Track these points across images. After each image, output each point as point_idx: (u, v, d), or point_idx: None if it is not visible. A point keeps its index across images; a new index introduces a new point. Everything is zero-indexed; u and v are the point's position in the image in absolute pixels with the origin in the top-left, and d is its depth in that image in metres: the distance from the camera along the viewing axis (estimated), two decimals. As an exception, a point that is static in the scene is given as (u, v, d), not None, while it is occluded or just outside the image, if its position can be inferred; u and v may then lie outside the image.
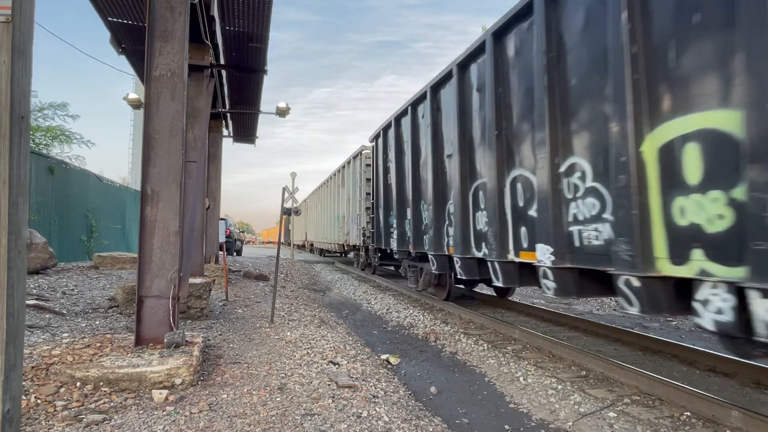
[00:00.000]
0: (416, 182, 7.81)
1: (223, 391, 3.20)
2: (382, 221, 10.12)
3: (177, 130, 3.91)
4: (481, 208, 5.65)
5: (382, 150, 9.94)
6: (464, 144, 6.04)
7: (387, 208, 9.68)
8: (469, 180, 5.98)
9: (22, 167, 1.87)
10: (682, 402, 3.44)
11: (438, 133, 6.87)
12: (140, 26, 6.78)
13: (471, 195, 5.93)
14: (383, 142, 9.85)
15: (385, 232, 9.93)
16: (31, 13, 1.92)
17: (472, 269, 5.97)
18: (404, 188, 8.46)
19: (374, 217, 11.08)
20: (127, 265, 9.78)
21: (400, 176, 8.67)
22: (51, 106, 14.62)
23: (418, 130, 7.77)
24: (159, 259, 3.83)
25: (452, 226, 6.35)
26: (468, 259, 5.97)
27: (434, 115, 6.93)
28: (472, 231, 5.90)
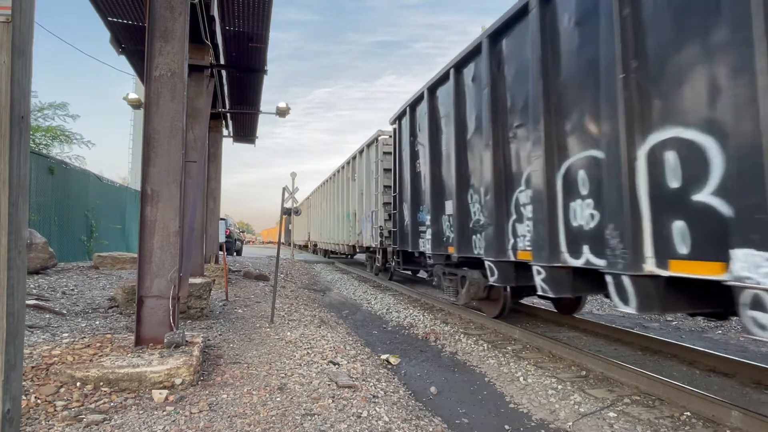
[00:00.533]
0: (461, 166, 6.17)
1: (223, 391, 3.20)
2: (408, 218, 8.46)
3: (177, 130, 3.91)
4: (581, 195, 3.97)
5: (408, 131, 8.32)
6: (548, 104, 4.37)
7: (415, 201, 8.08)
8: (557, 156, 4.28)
9: (22, 167, 1.87)
10: (682, 402, 3.44)
11: (499, 97, 5.26)
12: (140, 26, 6.78)
13: (561, 177, 4.23)
14: (410, 121, 8.20)
15: (412, 231, 8.23)
16: (31, 13, 1.92)
17: (562, 283, 4.34)
18: (441, 175, 6.92)
19: (396, 213, 9.41)
20: (127, 265, 9.78)
21: (436, 160, 7.02)
22: (51, 106, 14.63)
23: (463, 98, 6.18)
24: (159, 259, 3.83)
25: (523, 221, 4.83)
26: (557, 269, 4.30)
27: (493, 75, 5.30)
28: (562, 228, 4.24)
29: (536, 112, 4.50)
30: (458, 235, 6.21)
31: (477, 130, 5.80)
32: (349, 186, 14.30)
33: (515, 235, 5.02)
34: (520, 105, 4.93)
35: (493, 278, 5.38)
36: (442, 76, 6.78)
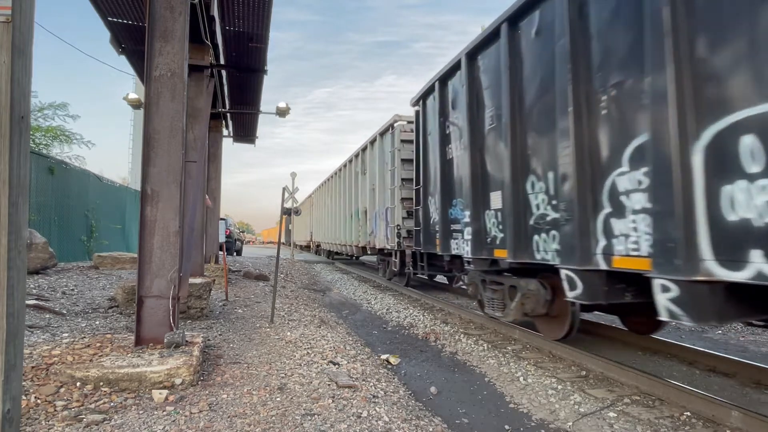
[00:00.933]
0: (517, 147, 4.90)
1: (223, 391, 3.20)
2: (437, 215, 7.07)
3: (177, 130, 3.91)
4: (747, 173, 2.71)
5: (436, 111, 6.98)
6: (680, 40, 3.07)
7: (446, 194, 6.73)
8: (696, 118, 2.99)
9: (22, 167, 1.87)
10: (682, 402, 3.44)
11: (583, 49, 4.01)
12: (140, 26, 6.78)
13: (703, 149, 2.94)
14: (439, 99, 6.88)
15: (442, 230, 6.79)
16: (31, 13, 1.92)
17: (704, 305, 3.00)
18: (484, 161, 5.62)
19: (419, 210, 7.97)
20: (127, 265, 9.78)
21: (477, 143, 5.72)
22: (51, 106, 14.63)
23: (519, 59, 4.92)
24: (159, 259, 3.83)
25: (624, 215, 3.59)
26: (696, 285, 2.98)
27: (572, 22, 4.06)
28: (704, 224, 2.94)
29: (658, 57, 3.18)
30: (512, 235, 4.89)
31: (543, 97, 4.55)
32: (358, 181, 12.83)
33: (609, 235, 3.74)
34: (621, 53, 3.65)
35: (575, 293, 4.07)
36: (488, 36, 5.44)
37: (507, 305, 5.39)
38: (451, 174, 6.64)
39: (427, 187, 7.66)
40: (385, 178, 10.23)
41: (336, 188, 16.23)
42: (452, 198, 6.63)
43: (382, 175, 10.52)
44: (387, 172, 10.04)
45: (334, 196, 16.60)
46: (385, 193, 10.12)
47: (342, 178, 15.15)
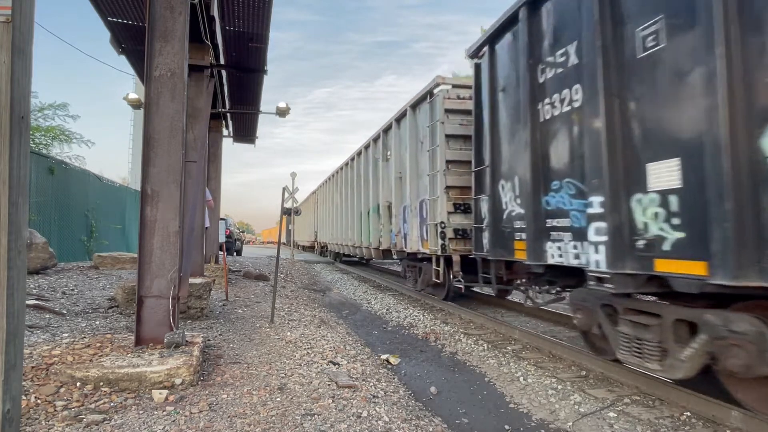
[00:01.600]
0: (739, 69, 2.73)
1: (223, 391, 3.20)
2: (520, 205, 4.96)
3: (177, 130, 3.91)
4: None
5: (522, 53, 4.84)
6: None
7: (540, 173, 4.64)
8: None
9: (22, 167, 1.87)
10: (682, 402, 3.44)
11: None
12: (140, 26, 6.78)
13: None
14: (527, 35, 4.77)
15: (532, 228, 4.67)
16: (31, 13, 1.92)
17: None
18: (632, 112, 3.53)
19: (482, 200, 5.86)
20: (127, 265, 9.78)
21: (618, 82, 3.62)
22: (51, 107, 14.63)
23: None
24: (159, 259, 3.83)
25: None
26: None
27: None
28: None
29: None
30: (735, 237, 2.70)
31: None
32: (377, 170, 10.58)
33: None
34: None
35: None
36: None
37: (672, 352, 3.32)
38: (551, 142, 4.52)
39: (498, 167, 5.43)
40: (420, 161, 7.95)
41: (347, 182, 13.85)
42: (551, 179, 4.51)
43: (414, 159, 8.19)
44: (423, 153, 7.70)
45: (344, 190, 14.24)
46: (420, 181, 7.94)
47: (354, 169, 12.80)
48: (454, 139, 7.06)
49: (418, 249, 8.04)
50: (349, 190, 13.55)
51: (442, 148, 7.02)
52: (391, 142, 9.53)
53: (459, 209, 7.03)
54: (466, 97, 6.92)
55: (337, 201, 15.56)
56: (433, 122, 7.30)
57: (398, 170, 9.07)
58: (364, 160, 11.86)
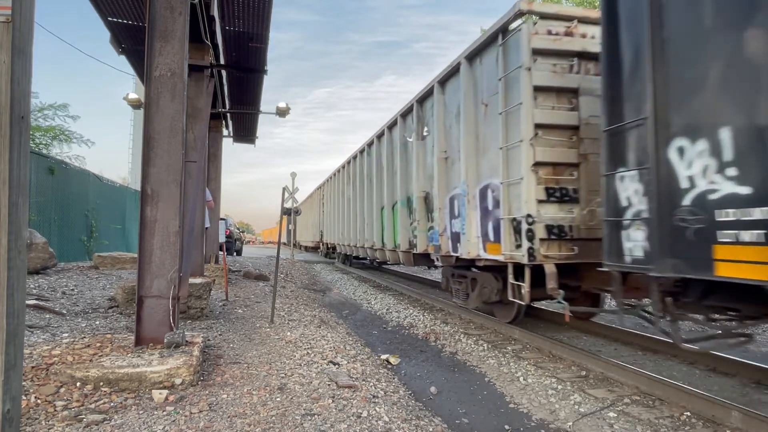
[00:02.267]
0: None
1: (223, 391, 3.20)
2: (726, 180, 2.91)
3: (177, 130, 3.91)
4: None
5: None
6: None
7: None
8: None
9: (22, 167, 1.87)
10: (682, 402, 3.44)
11: None
12: (140, 26, 6.78)
13: None
14: None
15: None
16: (31, 13, 1.92)
17: None
18: None
19: (629, 176, 3.68)
20: (127, 265, 9.77)
21: None
22: (51, 107, 14.65)
23: None
24: (159, 259, 3.83)
25: None
26: None
27: None
28: None
29: None
30: None
31: None
32: (407, 155, 8.35)
33: None
34: None
35: None
36: None
37: None
38: None
39: (673, 117, 3.32)
40: (484, 132, 5.68)
41: (362, 173, 11.72)
42: None
43: (472, 130, 5.92)
44: (490, 120, 5.50)
45: (358, 183, 12.09)
46: (483, 159, 5.72)
47: (373, 156, 10.65)
48: (545, 93, 4.87)
49: (478, 254, 5.76)
50: (366, 183, 11.30)
51: (527, 107, 4.77)
52: (431, 114, 7.25)
53: (553, 196, 4.81)
54: (560, 33, 4.95)
55: (349, 196, 13.27)
56: (509, 72, 5.01)
57: (442, 149, 6.80)
58: (387, 145, 9.52)
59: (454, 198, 6.52)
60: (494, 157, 5.39)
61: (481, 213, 5.76)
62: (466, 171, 6.02)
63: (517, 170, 4.91)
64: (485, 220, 5.65)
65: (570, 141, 4.92)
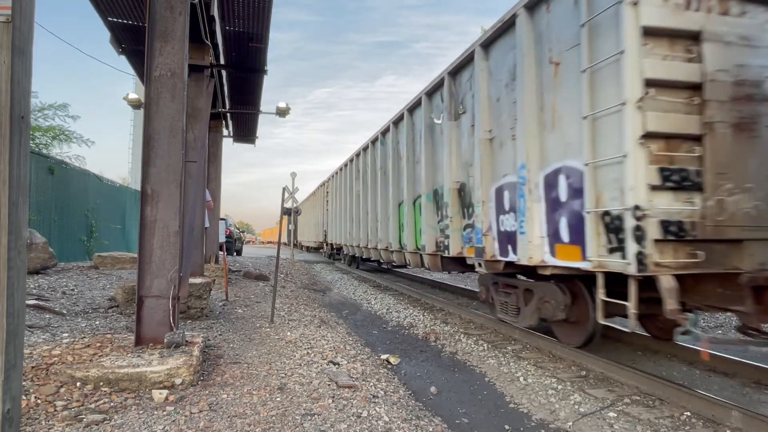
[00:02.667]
0: None
1: (223, 391, 3.20)
2: None
3: (177, 130, 3.91)
4: None
5: None
6: None
7: None
8: None
9: (22, 167, 1.87)
10: (682, 402, 3.44)
11: None
12: (140, 26, 6.78)
13: None
14: None
15: None
16: (31, 13, 1.92)
17: None
18: None
19: None
20: (127, 265, 9.77)
21: None
22: (51, 107, 14.65)
23: None
24: (159, 259, 3.83)
25: None
26: None
27: None
28: None
29: None
30: None
31: None
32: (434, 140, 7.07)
33: None
34: None
35: None
36: None
37: None
38: None
39: None
40: (552, 100, 4.42)
41: (374, 165, 10.41)
42: None
43: (533, 99, 4.61)
44: (563, 83, 4.28)
45: (370, 178, 10.77)
46: (552, 135, 4.41)
47: (388, 146, 9.32)
48: (656, 38, 3.56)
49: (542, 260, 4.46)
50: (380, 176, 9.91)
51: (632, 57, 3.49)
52: (469, 86, 5.97)
53: (669, 180, 3.50)
54: None
55: (358, 192, 12.02)
56: (600, 13, 3.76)
57: (486, 128, 5.44)
58: (406, 131, 8.15)
59: (504, 189, 5.19)
60: (570, 131, 4.11)
61: (548, 206, 4.42)
62: (525, 153, 4.61)
63: (612, 146, 3.64)
64: (555, 215, 4.31)
65: (689, 104, 3.58)
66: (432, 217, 7.18)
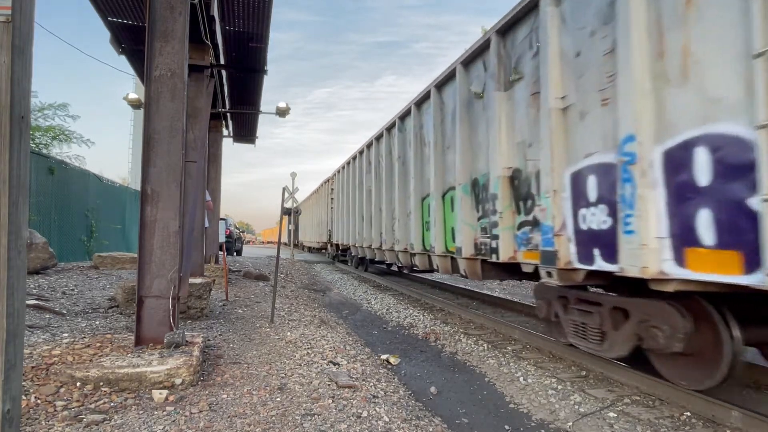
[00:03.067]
0: None
1: (223, 391, 3.20)
2: None
3: (177, 130, 3.91)
4: None
5: None
6: None
7: None
8: None
9: (22, 167, 1.87)
10: (682, 402, 3.44)
11: None
12: (140, 26, 6.78)
13: None
14: None
15: None
16: (31, 13, 1.92)
17: None
18: None
19: None
20: (127, 265, 9.78)
21: None
22: (51, 107, 14.66)
23: None
24: (159, 259, 3.83)
25: None
26: None
27: None
28: None
29: None
30: None
31: None
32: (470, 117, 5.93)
33: None
34: None
35: None
36: None
37: None
38: None
39: None
40: (679, 39, 3.12)
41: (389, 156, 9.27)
42: None
43: (646, 39, 3.35)
44: (713, 12, 2.93)
45: (384, 170, 9.55)
46: (680, 91, 3.10)
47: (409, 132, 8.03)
48: None
49: (660, 270, 3.17)
50: (397, 167, 8.61)
51: None
52: (527, 45, 4.79)
53: None
54: None
55: (370, 187, 10.84)
56: None
57: (558, 94, 4.22)
58: (433, 111, 6.85)
59: (585, 173, 3.91)
60: (718, 81, 2.86)
61: (670, 194, 3.16)
62: (634, 119, 3.33)
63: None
64: (684, 207, 3.07)
65: None
66: (470, 213, 5.85)
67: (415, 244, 7.71)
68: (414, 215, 7.75)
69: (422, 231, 7.57)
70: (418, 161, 7.68)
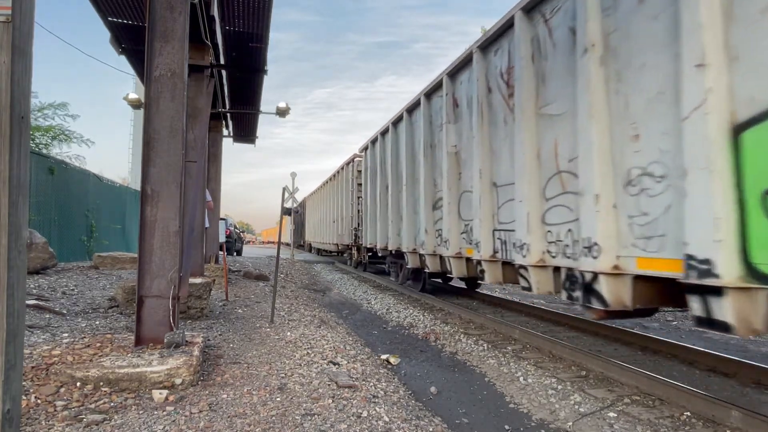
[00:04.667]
0: None
1: (223, 391, 3.20)
2: None
3: (177, 130, 3.91)
4: None
5: None
6: None
7: None
8: None
9: (22, 167, 1.87)
10: (682, 402, 3.44)
11: None
12: (140, 26, 6.78)
13: None
14: None
15: None
16: (31, 13, 1.92)
17: None
18: None
19: None
20: (127, 265, 9.77)
21: None
22: (51, 106, 14.66)
23: None
24: (159, 259, 3.83)
25: None
26: None
27: None
28: None
29: None
30: None
31: None
32: None
33: None
34: None
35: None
36: None
37: None
38: None
39: None
40: None
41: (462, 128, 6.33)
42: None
43: None
44: None
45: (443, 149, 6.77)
46: None
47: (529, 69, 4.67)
48: None
49: None
50: (473, 143, 5.84)
51: None
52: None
53: None
54: None
55: (425, 169, 7.54)
56: None
57: None
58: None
59: None
60: None
61: None
62: None
63: None
64: None
65: None
66: None
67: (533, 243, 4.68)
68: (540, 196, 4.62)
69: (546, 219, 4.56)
70: (530, 123, 4.68)
